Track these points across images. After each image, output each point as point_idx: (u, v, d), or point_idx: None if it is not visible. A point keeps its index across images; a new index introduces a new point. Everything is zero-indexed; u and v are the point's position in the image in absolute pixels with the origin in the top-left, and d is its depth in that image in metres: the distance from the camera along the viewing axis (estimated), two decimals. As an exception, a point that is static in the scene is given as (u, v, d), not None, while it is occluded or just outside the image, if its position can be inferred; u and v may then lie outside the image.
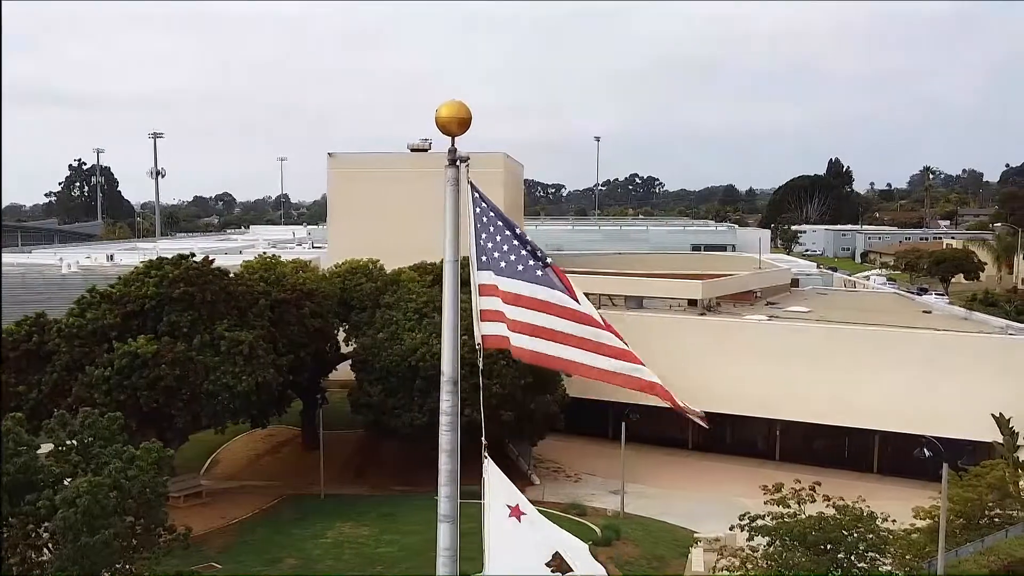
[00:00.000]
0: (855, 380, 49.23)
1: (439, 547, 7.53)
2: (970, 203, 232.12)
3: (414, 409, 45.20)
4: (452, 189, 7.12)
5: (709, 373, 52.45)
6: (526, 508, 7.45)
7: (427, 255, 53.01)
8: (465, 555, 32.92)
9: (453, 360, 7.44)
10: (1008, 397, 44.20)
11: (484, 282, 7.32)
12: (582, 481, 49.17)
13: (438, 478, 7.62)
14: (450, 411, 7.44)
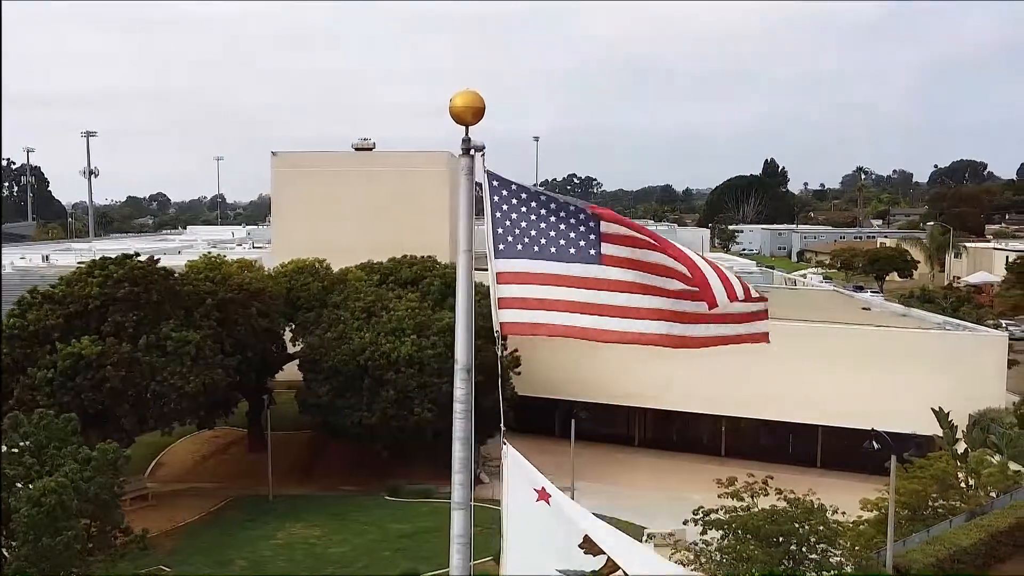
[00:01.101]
0: (799, 376, 49.92)
1: (453, 534, 7.52)
2: (901, 203, 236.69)
3: (363, 408, 45.01)
4: (467, 179, 7.12)
5: (656, 371, 52.86)
6: (553, 491, 7.45)
7: (374, 254, 52.90)
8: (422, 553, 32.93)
9: (467, 348, 7.45)
10: (947, 391, 45.18)
11: (502, 270, 7.32)
12: (532, 479, 49.14)
13: (452, 465, 7.60)
14: (463, 399, 7.46)
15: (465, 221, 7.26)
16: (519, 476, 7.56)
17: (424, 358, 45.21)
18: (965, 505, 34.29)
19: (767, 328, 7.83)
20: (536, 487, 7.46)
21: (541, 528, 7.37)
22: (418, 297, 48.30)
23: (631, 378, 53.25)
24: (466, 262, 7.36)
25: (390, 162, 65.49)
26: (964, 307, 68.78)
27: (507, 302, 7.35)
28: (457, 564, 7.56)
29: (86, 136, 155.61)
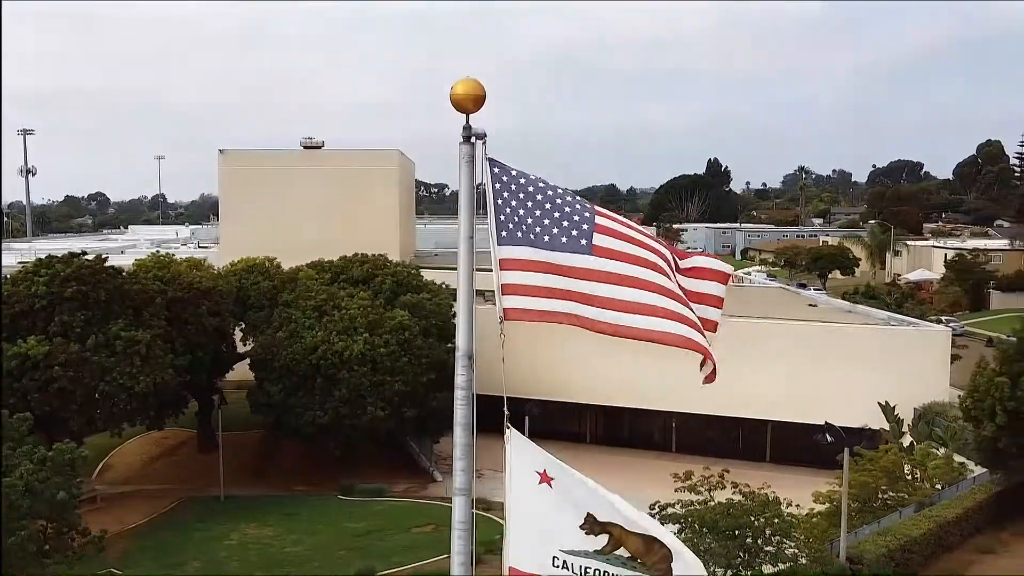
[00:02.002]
0: (749, 372, 50.41)
1: (454, 520, 7.55)
2: (841, 202, 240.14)
3: (316, 408, 44.76)
4: (467, 166, 7.15)
5: (608, 368, 53.18)
6: (555, 472, 7.50)
7: (324, 252, 52.56)
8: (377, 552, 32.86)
9: (468, 335, 7.50)
10: (893, 386, 46.01)
11: (505, 256, 7.35)
12: (484, 477, 48.00)
13: (454, 451, 7.63)
14: (464, 385, 7.50)
15: (466, 208, 7.29)
16: (521, 461, 7.61)
17: (377, 356, 45.07)
18: (915, 497, 34.91)
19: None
20: (539, 470, 7.52)
21: (544, 511, 7.42)
22: (370, 295, 48.09)
23: (582, 375, 53.52)
24: (467, 250, 7.39)
25: (339, 161, 65.14)
26: (907, 303, 70.03)
27: (510, 288, 7.40)
28: (459, 550, 7.59)
29: (23, 134, 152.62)
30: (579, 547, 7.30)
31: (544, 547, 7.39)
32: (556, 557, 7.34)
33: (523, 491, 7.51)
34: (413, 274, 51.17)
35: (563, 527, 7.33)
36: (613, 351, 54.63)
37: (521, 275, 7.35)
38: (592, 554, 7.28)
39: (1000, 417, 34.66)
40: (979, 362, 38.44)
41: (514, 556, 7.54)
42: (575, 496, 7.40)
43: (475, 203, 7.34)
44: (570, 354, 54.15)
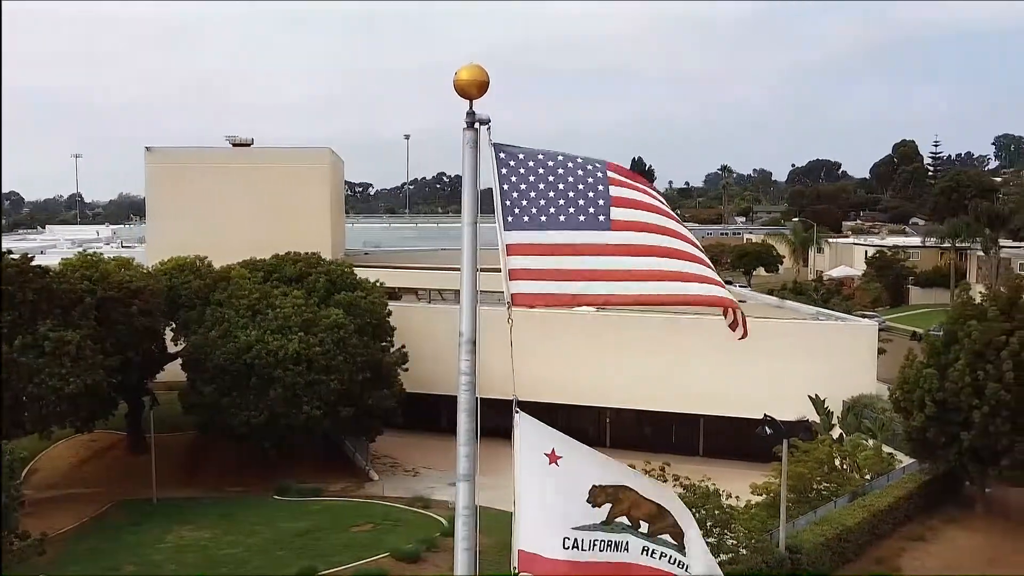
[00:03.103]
0: (682, 367, 51.13)
1: (458, 506, 7.57)
2: (762, 200, 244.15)
3: (250, 408, 44.30)
4: (470, 152, 7.17)
5: (542, 363, 53.41)
6: (563, 451, 7.56)
7: (255, 252, 51.93)
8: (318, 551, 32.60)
9: (471, 321, 7.52)
10: (823, 379, 46.94)
11: (512, 242, 7.37)
12: (421, 475, 49.21)
13: (457, 437, 7.65)
14: (468, 371, 7.52)
15: (469, 192, 7.32)
16: (530, 442, 7.65)
17: (312, 355, 44.73)
18: (848, 487, 35.71)
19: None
20: (546, 451, 7.57)
21: (553, 491, 7.49)
22: (304, 294, 47.68)
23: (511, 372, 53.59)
24: (471, 236, 7.41)
25: (269, 159, 64.41)
26: (833, 299, 71.49)
27: (517, 273, 7.42)
28: (464, 536, 7.59)
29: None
30: (587, 521, 7.41)
31: (555, 528, 7.46)
32: (567, 537, 7.42)
33: (532, 474, 7.55)
34: (347, 272, 50.85)
35: (573, 505, 7.42)
36: (548, 346, 55.06)
37: (528, 260, 7.39)
38: (599, 526, 7.42)
39: (929, 408, 35.62)
40: (908, 355, 39.45)
41: (524, 539, 7.57)
42: (584, 470, 7.50)
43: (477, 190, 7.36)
44: (504, 350, 54.26)
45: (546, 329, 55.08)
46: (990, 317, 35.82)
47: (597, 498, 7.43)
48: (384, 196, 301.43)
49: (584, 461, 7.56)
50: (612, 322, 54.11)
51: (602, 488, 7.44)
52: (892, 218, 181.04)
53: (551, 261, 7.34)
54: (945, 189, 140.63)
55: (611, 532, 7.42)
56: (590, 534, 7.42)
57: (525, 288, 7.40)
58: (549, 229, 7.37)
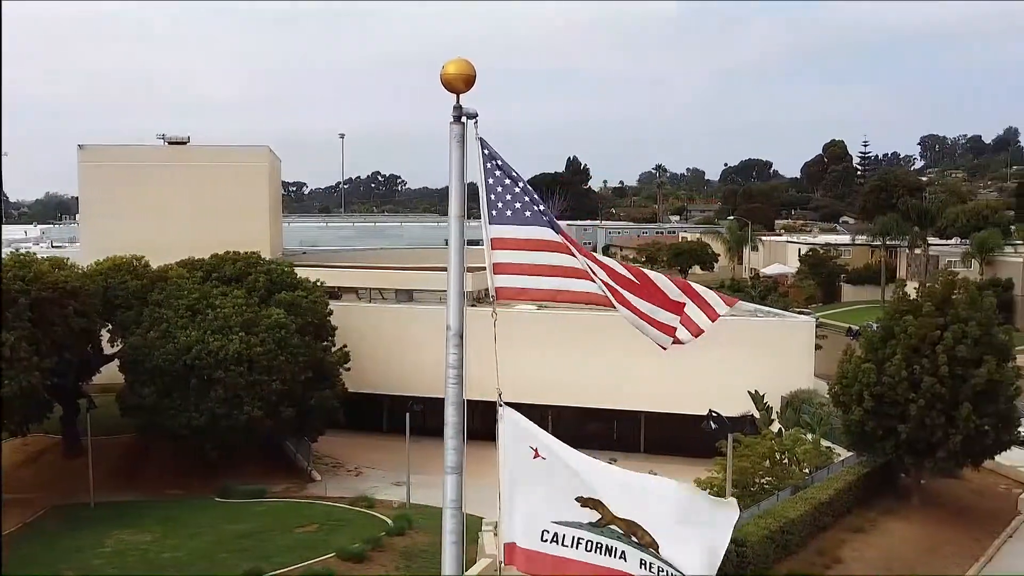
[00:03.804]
0: (623, 364, 51.41)
1: (446, 499, 7.60)
2: (696, 199, 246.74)
3: (191, 409, 43.75)
4: (457, 145, 7.21)
5: (479, 361, 53.22)
6: (548, 447, 7.60)
7: (193, 251, 51.26)
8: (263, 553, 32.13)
9: (458, 314, 7.54)
10: (762, 375, 47.61)
11: (496, 236, 7.44)
12: (364, 475, 49.01)
13: (445, 431, 7.68)
14: (455, 364, 7.55)
15: (456, 188, 7.34)
16: (515, 437, 7.70)
17: (253, 356, 44.30)
18: (789, 480, 36.24)
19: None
20: (532, 445, 7.62)
21: (537, 484, 7.54)
22: (244, 294, 47.19)
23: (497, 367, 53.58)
24: (458, 229, 7.43)
25: (207, 157, 63.57)
26: (771, 296, 72.52)
27: (501, 267, 7.49)
28: (452, 529, 7.64)
29: None
30: (572, 519, 7.44)
31: (537, 521, 7.50)
32: (547, 530, 7.46)
33: (517, 466, 7.62)
34: (287, 272, 50.40)
35: (556, 498, 7.46)
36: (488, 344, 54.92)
37: (511, 254, 7.46)
38: (585, 525, 7.44)
39: (867, 402, 36.31)
40: (846, 350, 40.18)
41: (508, 531, 7.63)
42: (567, 469, 7.54)
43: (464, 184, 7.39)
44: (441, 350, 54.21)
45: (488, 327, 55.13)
46: (925, 313, 36.59)
47: (587, 502, 7.47)
48: (318, 196, 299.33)
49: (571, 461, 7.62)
50: (554, 320, 54.34)
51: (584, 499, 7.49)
52: (823, 216, 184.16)
53: (532, 256, 7.43)
54: (874, 188, 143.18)
55: (603, 536, 7.42)
56: (574, 531, 7.43)
57: (508, 283, 7.47)
58: (530, 224, 7.46)
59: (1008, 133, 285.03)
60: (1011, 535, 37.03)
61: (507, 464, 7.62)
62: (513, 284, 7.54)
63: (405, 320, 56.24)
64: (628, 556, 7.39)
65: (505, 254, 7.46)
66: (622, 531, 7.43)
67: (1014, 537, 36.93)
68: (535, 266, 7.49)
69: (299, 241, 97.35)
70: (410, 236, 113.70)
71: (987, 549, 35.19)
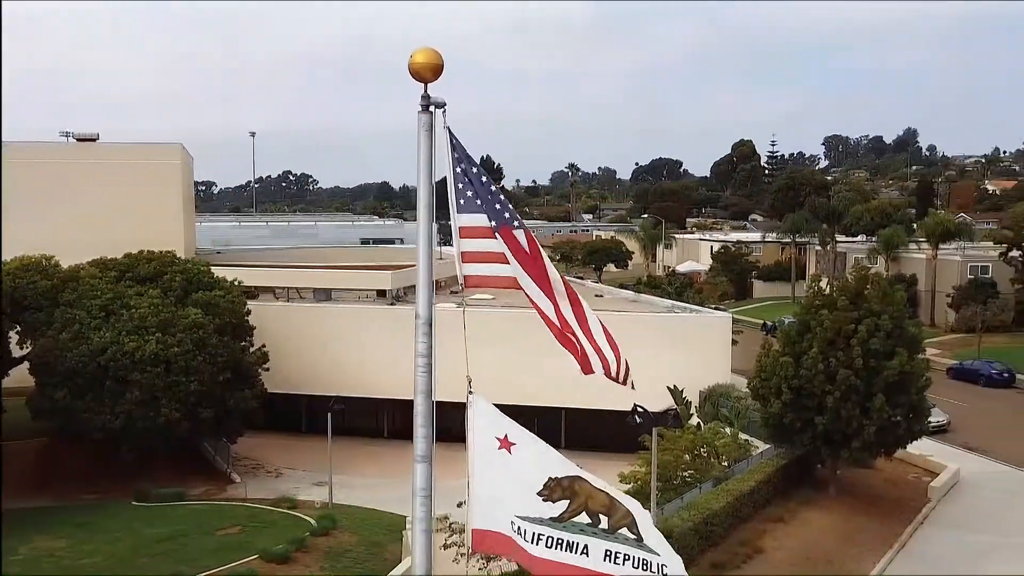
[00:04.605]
0: (543, 360, 51.48)
1: (415, 487, 7.60)
2: (608, 198, 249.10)
3: (106, 412, 42.81)
4: (425, 135, 7.21)
5: (402, 361, 53.19)
6: (516, 438, 7.61)
7: (106, 251, 50.10)
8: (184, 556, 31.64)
9: (428, 303, 7.54)
10: (680, 369, 48.22)
11: (464, 224, 7.46)
12: (284, 476, 48.48)
13: (414, 419, 7.68)
14: (425, 352, 7.55)
15: (424, 177, 7.35)
16: (483, 426, 7.73)
17: (171, 356, 43.52)
18: (710, 473, 36.85)
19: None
20: (499, 436, 7.65)
21: (502, 476, 7.56)
22: (160, 294, 46.30)
23: (376, 370, 53.41)
24: (426, 219, 7.44)
25: (118, 155, 62.06)
26: (687, 292, 73.56)
27: (469, 256, 7.52)
28: (421, 517, 7.65)
29: None
30: (534, 513, 7.45)
31: (504, 510, 7.54)
32: (513, 522, 7.49)
33: (484, 455, 7.64)
34: (204, 271, 49.56)
35: (520, 493, 7.48)
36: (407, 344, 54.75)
37: (480, 242, 7.49)
38: (547, 521, 7.43)
39: (786, 395, 37.10)
40: (764, 344, 40.94)
41: (476, 518, 7.66)
42: (536, 461, 7.56)
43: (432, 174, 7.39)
44: (363, 348, 53.98)
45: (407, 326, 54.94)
46: (840, 307, 37.51)
47: (553, 492, 7.45)
48: (228, 195, 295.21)
49: (538, 452, 7.65)
50: (470, 319, 54.00)
51: (558, 481, 7.49)
52: (732, 215, 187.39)
53: (498, 244, 7.46)
54: (782, 187, 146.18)
55: (565, 531, 7.41)
56: (535, 527, 7.42)
57: (476, 271, 7.51)
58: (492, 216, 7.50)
59: (907, 134, 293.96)
60: (922, 522, 38.17)
61: (475, 451, 7.65)
62: (480, 272, 7.59)
63: (324, 319, 55.79)
64: (591, 549, 7.37)
65: (473, 242, 7.50)
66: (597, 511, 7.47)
67: (925, 524, 38.08)
68: (501, 254, 7.53)
69: (211, 241, 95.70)
70: (325, 235, 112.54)
71: (900, 536, 36.23)
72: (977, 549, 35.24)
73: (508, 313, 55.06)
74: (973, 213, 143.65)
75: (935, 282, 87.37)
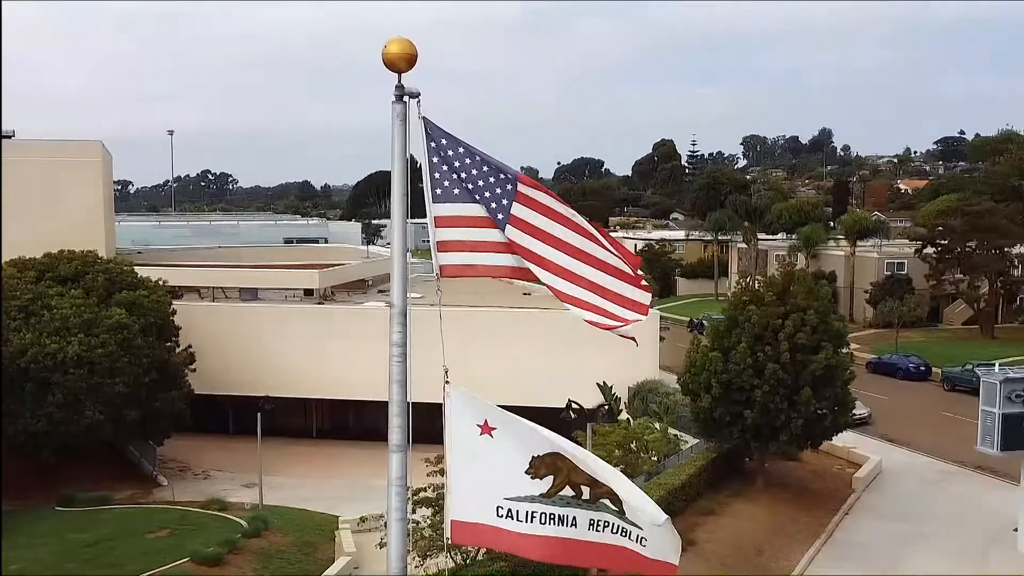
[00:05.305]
0: (473, 359, 51.57)
1: (391, 477, 7.59)
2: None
3: (26, 415, 41.81)
4: (400, 125, 7.21)
5: (331, 360, 53.02)
6: (496, 422, 7.65)
7: (25, 250, 48.87)
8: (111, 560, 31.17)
9: (402, 292, 7.53)
10: (609, 366, 48.56)
11: (440, 214, 7.47)
12: (212, 478, 47.83)
13: (389, 408, 7.67)
14: (400, 342, 7.55)
15: (400, 166, 7.34)
16: (461, 414, 7.76)
17: (94, 358, 42.65)
18: (644, 468, 37.22)
19: (639, 318, 8.33)
20: (479, 422, 7.69)
21: (486, 462, 7.60)
22: (82, 294, 45.33)
23: (305, 369, 53.05)
24: (400, 208, 7.43)
25: (35, 153, 60.43)
26: (613, 290, 74.02)
27: (444, 245, 7.54)
28: (396, 507, 7.65)
29: None
30: (523, 492, 7.55)
31: (487, 498, 7.58)
32: (500, 507, 7.55)
33: (464, 444, 7.67)
34: (127, 271, 48.66)
35: (506, 475, 7.54)
36: (336, 343, 54.57)
37: (456, 231, 7.52)
38: (537, 498, 7.55)
39: (715, 389, 37.64)
40: (693, 340, 41.51)
41: (457, 510, 7.68)
42: (519, 441, 7.61)
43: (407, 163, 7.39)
44: (291, 348, 53.52)
45: (336, 326, 54.66)
46: (767, 302, 38.19)
47: (538, 470, 7.55)
48: (145, 194, 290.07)
49: (520, 432, 7.69)
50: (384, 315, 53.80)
51: (541, 459, 7.58)
52: (654, 213, 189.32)
53: (476, 233, 7.51)
54: (704, 185, 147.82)
55: (554, 505, 7.55)
56: (527, 505, 7.55)
57: (451, 260, 7.54)
58: (471, 202, 7.53)
59: (822, 134, 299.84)
60: (847, 512, 39.08)
61: (453, 442, 7.68)
62: (456, 261, 7.61)
63: (251, 319, 55.17)
64: (578, 520, 7.54)
65: (449, 232, 7.52)
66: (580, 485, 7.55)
67: (850, 514, 38.99)
68: (478, 243, 7.56)
69: (131, 240, 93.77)
70: (248, 235, 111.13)
71: (827, 526, 37.07)
72: (900, 537, 36.20)
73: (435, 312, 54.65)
74: (887, 211, 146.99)
75: (853, 278, 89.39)
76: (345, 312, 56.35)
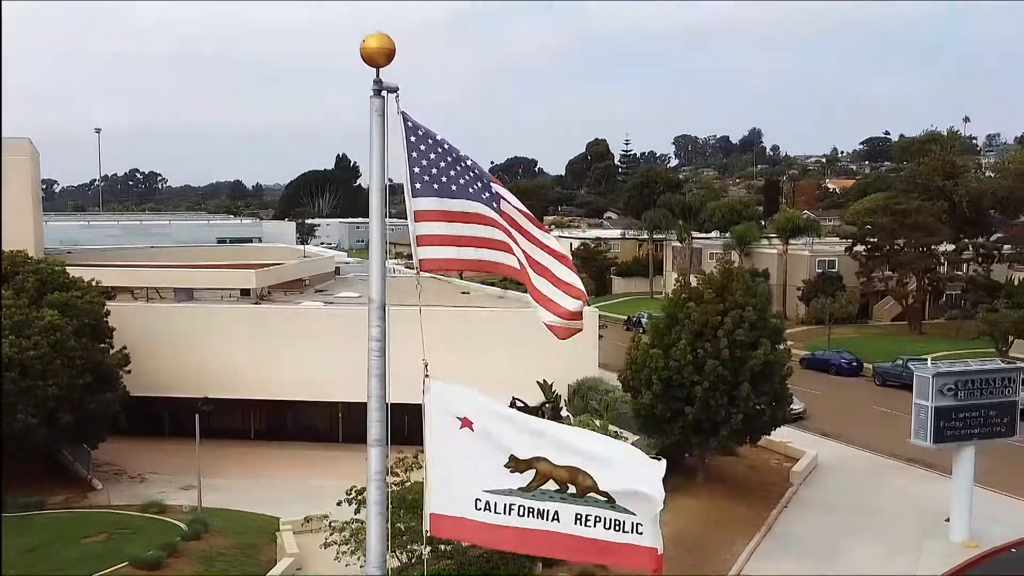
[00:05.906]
0: (410, 358, 51.44)
1: (370, 471, 7.57)
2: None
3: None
4: (378, 119, 7.22)
5: (268, 360, 52.50)
6: (478, 415, 7.66)
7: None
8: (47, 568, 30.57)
9: (380, 286, 7.52)
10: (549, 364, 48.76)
11: (419, 208, 7.48)
12: (148, 481, 47.03)
13: (368, 403, 7.65)
14: (378, 336, 7.54)
15: (377, 161, 7.35)
16: (439, 409, 7.76)
17: (26, 360, 41.72)
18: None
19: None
20: (459, 416, 7.70)
21: (465, 455, 7.61)
22: (12, 295, 44.34)
23: (242, 370, 52.48)
24: (379, 201, 7.44)
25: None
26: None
27: (425, 239, 7.56)
28: (376, 501, 7.64)
29: None
30: (502, 486, 7.57)
31: (466, 490, 7.59)
32: (479, 499, 7.56)
33: (443, 438, 7.68)
34: (59, 271, 47.69)
35: (485, 467, 7.56)
36: (273, 343, 54.04)
37: (435, 226, 7.54)
38: (516, 491, 7.56)
39: (656, 386, 38.00)
40: (634, 337, 41.85)
41: (435, 503, 7.69)
42: (498, 435, 7.63)
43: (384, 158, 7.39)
44: (227, 348, 52.91)
45: (273, 325, 54.16)
46: (707, 299, 38.64)
47: (519, 464, 7.57)
48: (71, 193, 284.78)
49: (503, 424, 7.70)
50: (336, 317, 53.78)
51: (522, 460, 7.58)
52: (588, 212, 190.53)
53: (457, 228, 7.55)
54: (637, 185, 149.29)
55: (535, 500, 7.51)
56: (505, 498, 7.54)
57: (431, 254, 7.56)
58: (451, 197, 7.56)
59: (752, 134, 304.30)
60: (786, 505, 39.69)
61: (432, 436, 7.69)
62: (436, 255, 7.63)
63: (187, 319, 54.39)
64: (561, 515, 7.52)
65: (429, 226, 7.54)
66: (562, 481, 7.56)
67: (789, 507, 39.60)
68: (459, 237, 7.60)
69: (59, 240, 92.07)
70: (180, 235, 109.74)
71: (767, 519, 37.60)
72: (837, 529, 36.84)
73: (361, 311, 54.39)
74: (816, 210, 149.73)
75: (786, 276, 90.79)
76: (282, 312, 55.84)
